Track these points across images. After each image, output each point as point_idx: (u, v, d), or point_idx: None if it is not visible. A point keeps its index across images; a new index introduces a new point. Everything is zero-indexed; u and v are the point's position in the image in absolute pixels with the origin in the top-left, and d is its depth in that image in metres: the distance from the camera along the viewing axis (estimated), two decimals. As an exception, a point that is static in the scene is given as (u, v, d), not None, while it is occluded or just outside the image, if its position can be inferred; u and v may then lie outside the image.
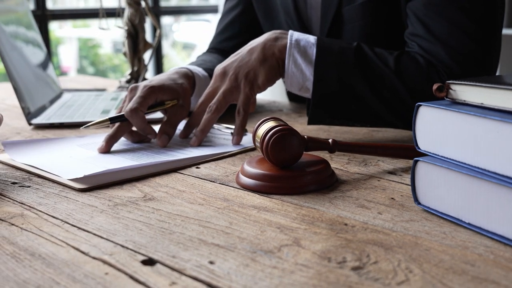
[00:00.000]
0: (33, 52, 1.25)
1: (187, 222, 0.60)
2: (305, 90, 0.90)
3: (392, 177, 0.74)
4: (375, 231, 0.57)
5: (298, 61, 0.88)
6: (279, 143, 0.70)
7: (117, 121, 0.89)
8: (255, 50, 0.91)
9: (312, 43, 0.90)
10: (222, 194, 0.69)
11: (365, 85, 0.87)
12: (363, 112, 0.89)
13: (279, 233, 0.57)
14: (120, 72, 6.25)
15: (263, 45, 0.91)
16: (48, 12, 2.52)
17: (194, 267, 0.50)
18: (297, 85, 0.90)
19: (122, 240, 0.56)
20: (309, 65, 0.89)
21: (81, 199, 0.68)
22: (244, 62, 0.91)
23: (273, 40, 0.91)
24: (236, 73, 0.90)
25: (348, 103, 0.89)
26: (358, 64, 0.88)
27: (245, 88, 0.89)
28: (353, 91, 0.88)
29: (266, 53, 0.90)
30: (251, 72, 0.90)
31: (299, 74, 0.89)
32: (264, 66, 0.90)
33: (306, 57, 0.89)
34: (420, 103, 0.63)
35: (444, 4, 0.90)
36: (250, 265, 0.50)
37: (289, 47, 0.89)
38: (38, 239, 0.57)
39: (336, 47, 0.89)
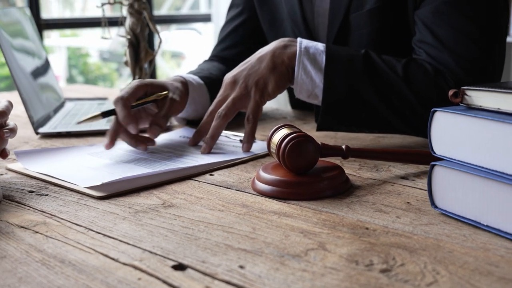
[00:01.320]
0: (36, 61, 1.25)
1: (211, 228, 0.61)
2: (314, 97, 0.92)
3: (405, 182, 0.75)
4: (396, 234, 0.58)
5: (307, 68, 0.90)
6: (295, 149, 0.71)
7: (109, 115, 0.91)
8: (265, 58, 0.92)
9: (321, 50, 0.91)
10: (240, 200, 0.70)
11: (374, 92, 0.89)
12: (372, 118, 0.91)
13: (303, 238, 0.58)
14: (109, 81, 6.24)
15: (272, 53, 0.92)
16: (42, 21, 2.52)
17: (225, 271, 0.51)
18: (306, 92, 0.92)
19: (149, 246, 0.57)
20: (318, 72, 0.90)
21: (101, 206, 0.69)
22: (254, 70, 0.92)
23: (282, 48, 0.92)
24: (246, 81, 0.91)
25: (357, 110, 0.90)
26: (367, 71, 0.89)
27: (255, 95, 0.90)
28: (362, 98, 0.89)
29: (276, 61, 0.91)
30: (261, 80, 0.91)
31: (308, 81, 0.90)
32: (274, 74, 0.91)
33: (315, 64, 0.90)
34: (436, 109, 0.64)
35: (451, 12, 0.92)
36: (280, 269, 0.51)
37: (299, 54, 0.90)
38: (65, 246, 0.57)
39: (345, 54, 0.91)
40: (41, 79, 1.24)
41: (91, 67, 6.28)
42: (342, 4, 1.06)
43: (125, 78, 5.94)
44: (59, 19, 2.91)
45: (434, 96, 0.89)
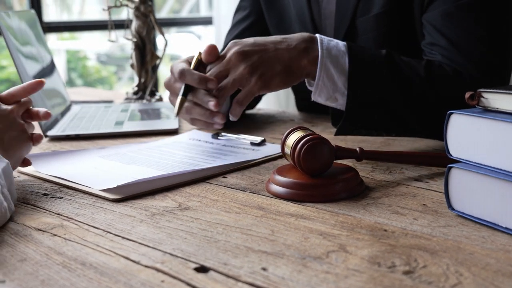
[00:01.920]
0: (43, 64, 1.25)
1: (229, 230, 0.61)
2: (333, 100, 0.90)
3: (419, 184, 0.76)
4: (415, 236, 0.58)
5: (330, 71, 0.88)
6: (310, 152, 0.71)
7: (187, 92, 0.90)
8: (282, 55, 0.88)
9: (343, 51, 0.89)
10: (255, 202, 0.70)
11: (397, 94, 0.88)
12: (395, 122, 0.90)
13: (322, 240, 0.58)
14: (108, 84, 6.23)
15: (291, 52, 0.89)
16: (45, 24, 2.52)
17: (248, 273, 0.51)
18: (326, 95, 0.90)
19: (169, 248, 0.57)
20: (341, 75, 0.88)
21: (117, 209, 0.69)
22: (266, 59, 0.88)
23: (303, 50, 0.89)
24: (253, 66, 0.87)
25: (380, 114, 0.89)
26: (390, 74, 0.88)
27: (255, 85, 0.88)
28: (385, 101, 0.88)
29: (292, 64, 0.89)
30: (269, 73, 0.88)
31: (330, 84, 0.88)
32: (285, 74, 0.88)
33: (338, 67, 0.88)
34: (452, 111, 0.65)
35: (461, 15, 0.92)
36: (303, 271, 0.51)
37: (321, 57, 0.88)
38: (85, 249, 0.57)
39: (367, 56, 0.89)
40: (48, 82, 1.24)
41: (90, 70, 6.27)
42: (348, 8, 1.06)
43: (125, 81, 5.94)
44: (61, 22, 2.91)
45: (454, 97, 0.89)
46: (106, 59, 6.60)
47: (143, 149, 0.96)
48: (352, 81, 0.87)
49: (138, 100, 1.43)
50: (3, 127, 0.75)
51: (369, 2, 1.04)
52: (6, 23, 1.07)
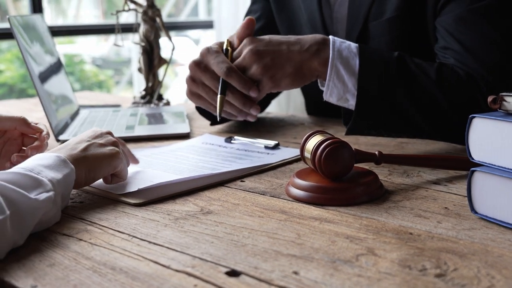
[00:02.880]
0: (53, 68, 1.25)
1: (255, 234, 0.61)
2: (344, 100, 0.92)
3: (438, 187, 0.76)
4: (442, 239, 0.58)
5: (340, 72, 0.90)
6: (332, 155, 0.71)
7: (225, 89, 0.93)
8: (294, 57, 0.91)
9: (354, 53, 0.91)
10: (277, 206, 0.70)
11: (407, 96, 0.89)
12: (403, 123, 0.91)
13: (349, 243, 0.58)
14: (106, 88, 6.22)
15: (303, 54, 0.91)
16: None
17: (280, 277, 0.51)
18: (337, 95, 0.91)
19: (198, 252, 0.57)
20: (352, 77, 0.90)
21: (140, 213, 0.69)
22: (277, 60, 0.91)
23: (315, 52, 0.92)
24: (265, 67, 0.91)
25: (389, 114, 0.90)
26: (400, 76, 0.89)
27: (266, 85, 0.92)
28: (394, 103, 0.89)
29: (304, 65, 0.91)
30: (279, 74, 0.92)
31: (340, 85, 0.90)
32: (295, 75, 0.92)
33: (348, 68, 0.90)
34: (474, 115, 0.65)
35: (474, 19, 0.93)
36: (335, 274, 0.51)
37: (332, 58, 0.90)
38: (113, 254, 0.57)
39: (378, 58, 0.91)
40: (58, 86, 1.24)
41: (88, 74, 6.27)
42: (360, 13, 1.06)
43: (123, 85, 5.94)
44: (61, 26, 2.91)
45: (466, 101, 0.90)
46: (102, 63, 6.59)
47: (157, 153, 0.96)
48: (362, 82, 0.89)
49: (146, 104, 1.43)
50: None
51: (381, 6, 1.04)
52: (18, 28, 1.08)
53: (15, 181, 0.61)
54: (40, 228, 0.63)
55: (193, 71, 0.97)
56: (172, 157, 0.93)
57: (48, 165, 0.67)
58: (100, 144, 0.76)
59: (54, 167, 0.67)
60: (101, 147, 0.76)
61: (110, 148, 0.77)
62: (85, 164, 0.72)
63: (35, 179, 0.63)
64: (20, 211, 0.58)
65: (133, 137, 1.10)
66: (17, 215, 0.58)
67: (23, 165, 0.66)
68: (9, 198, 0.58)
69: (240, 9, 3.02)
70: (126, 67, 6.41)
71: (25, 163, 0.67)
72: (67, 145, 0.75)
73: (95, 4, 7.34)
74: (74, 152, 0.73)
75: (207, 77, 0.95)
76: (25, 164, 0.66)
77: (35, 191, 0.62)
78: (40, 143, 0.83)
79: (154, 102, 1.43)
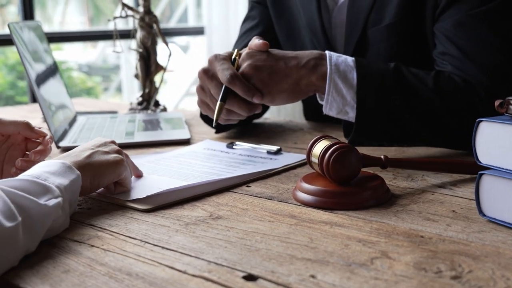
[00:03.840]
0: (51, 75, 1.25)
1: (267, 238, 0.61)
2: (344, 113, 0.92)
3: (443, 190, 0.77)
4: (453, 242, 0.59)
5: (339, 86, 0.90)
6: (340, 160, 0.72)
7: (226, 97, 0.93)
8: (291, 73, 0.92)
9: (352, 67, 0.92)
10: (286, 211, 0.71)
11: (405, 107, 0.90)
12: (403, 133, 0.91)
13: (362, 247, 0.58)
14: (94, 94, 6.20)
15: (300, 70, 0.92)
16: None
17: (298, 281, 0.51)
18: (336, 109, 0.92)
19: (212, 257, 0.57)
20: (350, 90, 0.91)
21: (150, 219, 0.69)
22: (274, 76, 0.92)
23: (312, 68, 0.92)
24: (262, 82, 0.92)
25: (389, 125, 0.91)
26: (398, 87, 0.90)
27: (258, 99, 0.92)
28: (394, 114, 0.90)
29: (301, 82, 0.92)
30: (275, 89, 0.92)
31: (339, 99, 0.91)
32: (292, 91, 0.92)
33: (346, 81, 0.91)
34: (481, 119, 0.66)
35: (473, 24, 0.94)
36: (352, 277, 0.52)
37: (330, 72, 0.91)
38: (127, 259, 0.57)
39: (375, 70, 0.91)
40: (56, 93, 1.24)
41: (75, 80, 6.24)
42: (359, 19, 1.07)
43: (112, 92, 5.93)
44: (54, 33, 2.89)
45: (464, 107, 0.91)
46: (88, 69, 6.57)
47: (160, 159, 0.96)
48: (360, 95, 0.90)
49: (143, 110, 1.43)
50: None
51: (380, 13, 1.05)
52: (18, 35, 1.07)
53: (23, 188, 0.60)
54: (50, 235, 0.63)
55: (201, 79, 0.97)
56: (175, 163, 0.93)
57: (54, 171, 0.67)
58: (104, 152, 0.76)
59: (60, 173, 0.67)
60: (106, 155, 0.76)
61: (114, 156, 0.77)
62: (90, 170, 0.72)
63: (43, 186, 0.63)
64: (31, 217, 0.58)
65: (134, 143, 1.09)
66: (28, 222, 0.58)
67: (29, 172, 0.66)
68: (19, 204, 0.58)
69: (231, 15, 3.03)
70: (115, 73, 6.39)
71: (30, 170, 0.67)
72: (71, 153, 0.75)
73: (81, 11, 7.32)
74: (78, 159, 0.73)
75: (213, 85, 0.95)
76: (31, 171, 0.66)
77: (44, 197, 0.61)
78: (44, 147, 0.83)
79: (151, 108, 1.43)
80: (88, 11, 7.38)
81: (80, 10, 7.37)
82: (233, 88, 0.92)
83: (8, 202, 0.57)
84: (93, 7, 7.34)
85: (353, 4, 1.07)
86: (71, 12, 7.09)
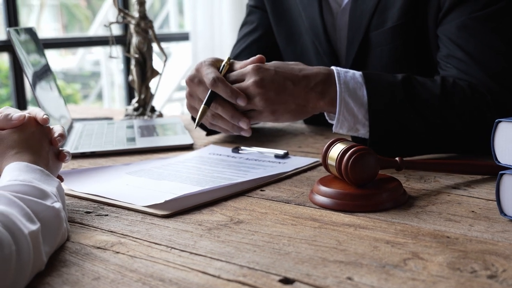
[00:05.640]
0: (48, 81, 1.23)
1: (294, 242, 0.61)
2: (355, 130, 0.91)
3: (458, 191, 0.77)
4: (480, 242, 0.60)
5: (350, 105, 0.89)
6: (358, 162, 0.72)
7: (210, 101, 0.92)
8: (299, 95, 0.90)
9: (361, 83, 0.90)
10: (306, 214, 0.70)
11: (417, 118, 0.89)
12: (415, 144, 0.91)
13: (392, 248, 0.59)
14: (73, 102, 6.13)
15: (308, 95, 0.90)
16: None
17: (336, 283, 0.51)
18: (347, 127, 0.91)
19: (243, 262, 0.56)
20: (361, 108, 0.90)
21: (170, 224, 0.68)
22: (282, 96, 0.90)
23: (320, 93, 0.90)
24: (268, 101, 0.90)
25: (403, 140, 0.90)
26: (408, 100, 0.89)
27: (265, 117, 0.92)
28: (407, 128, 0.89)
29: (308, 104, 0.91)
30: (281, 109, 0.91)
31: (350, 118, 0.90)
32: (298, 111, 0.91)
33: (357, 100, 0.90)
34: (500, 120, 0.66)
35: (477, 27, 0.95)
36: (389, 279, 0.52)
37: (340, 92, 0.89)
38: (156, 265, 0.56)
39: (385, 84, 0.90)
40: (54, 99, 1.22)
41: (55, 88, 6.16)
42: (362, 22, 1.08)
43: (92, 99, 5.87)
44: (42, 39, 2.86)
45: (473, 113, 0.91)
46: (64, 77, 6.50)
47: (167, 165, 0.95)
48: (372, 113, 0.89)
49: (139, 116, 1.42)
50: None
51: (382, 16, 1.06)
52: (17, 40, 1.06)
53: (28, 192, 0.59)
54: (59, 244, 0.61)
55: (189, 86, 0.96)
56: (183, 168, 0.92)
57: (35, 177, 0.65)
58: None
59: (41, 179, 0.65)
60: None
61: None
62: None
63: (41, 190, 0.61)
64: (45, 220, 0.57)
65: (137, 149, 1.08)
66: (45, 226, 0.57)
67: (20, 178, 0.63)
68: (32, 209, 0.57)
69: (215, 21, 3.02)
70: (93, 80, 6.33)
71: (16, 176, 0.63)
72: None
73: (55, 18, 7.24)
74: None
75: (200, 90, 0.94)
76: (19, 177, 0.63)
77: (49, 200, 0.61)
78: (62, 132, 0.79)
79: (148, 114, 1.42)
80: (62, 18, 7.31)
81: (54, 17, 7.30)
82: (217, 91, 0.90)
83: (24, 206, 0.56)
84: (67, 14, 7.27)
85: (355, 7, 1.08)
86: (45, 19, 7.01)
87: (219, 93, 0.90)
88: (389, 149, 0.88)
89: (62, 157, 0.76)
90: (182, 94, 4.78)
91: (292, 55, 1.21)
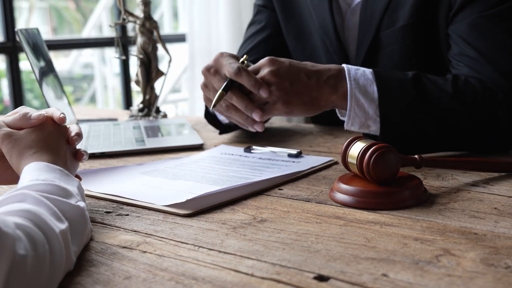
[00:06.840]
0: (55, 82, 1.22)
1: (322, 239, 0.61)
2: (366, 127, 0.92)
3: (478, 189, 0.77)
4: (508, 238, 0.60)
5: (360, 101, 0.90)
6: (380, 160, 0.72)
7: (228, 88, 0.91)
8: (312, 88, 0.90)
9: (371, 80, 0.91)
10: (328, 212, 0.70)
11: (428, 115, 0.89)
12: (426, 142, 0.91)
13: (421, 245, 0.58)
14: (65, 104, 6.09)
15: (321, 88, 0.91)
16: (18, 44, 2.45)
17: (372, 280, 0.51)
18: (359, 124, 0.92)
19: (275, 259, 0.56)
20: (372, 104, 0.90)
21: (194, 224, 0.68)
22: (296, 88, 0.90)
23: (332, 87, 0.91)
24: (283, 92, 0.90)
25: (414, 136, 0.90)
26: (419, 97, 0.90)
27: (279, 109, 0.91)
28: (418, 125, 0.90)
29: (321, 98, 0.91)
30: (295, 101, 0.91)
31: (361, 113, 0.90)
32: (311, 104, 0.91)
33: (367, 96, 0.90)
34: (523, 116, 0.67)
35: (488, 25, 0.95)
36: (425, 275, 0.51)
37: (350, 88, 0.90)
38: (187, 264, 0.56)
39: (395, 81, 0.91)
40: (61, 100, 1.22)
41: (46, 90, 6.13)
42: (372, 22, 1.08)
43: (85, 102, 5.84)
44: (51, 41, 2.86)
45: (484, 111, 0.91)
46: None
47: (180, 165, 0.95)
48: (383, 109, 0.89)
49: (144, 117, 1.41)
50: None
51: (393, 16, 1.06)
52: (26, 40, 1.05)
53: (53, 192, 0.59)
54: (85, 243, 0.61)
55: (205, 76, 0.96)
56: (198, 168, 0.92)
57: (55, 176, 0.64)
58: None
59: (61, 178, 0.65)
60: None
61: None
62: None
63: (64, 189, 0.61)
64: (72, 219, 0.57)
65: (147, 149, 1.08)
66: (71, 225, 0.57)
67: (41, 177, 0.62)
68: (59, 208, 0.56)
69: (212, 22, 3.02)
70: (86, 83, 6.30)
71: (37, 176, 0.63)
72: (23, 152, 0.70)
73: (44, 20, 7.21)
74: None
75: (216, 80, 0.94)
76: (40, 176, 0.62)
77: (73, 199, 0.60)
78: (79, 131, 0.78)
79: (153, 115, 1.41)
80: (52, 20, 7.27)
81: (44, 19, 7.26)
82: (240, 80, 0.90)
83: (52, 206, 0.55)
84: (56, 17, 7.24)
85: (366, 7, 1.08)
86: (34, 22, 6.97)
87: (241, 82, 0.90)
88: (399, 146, 0.88)
89: (79, 156, 0.76)
90: (177, 96, 4.78)
91: (301, 55, 1.21)
